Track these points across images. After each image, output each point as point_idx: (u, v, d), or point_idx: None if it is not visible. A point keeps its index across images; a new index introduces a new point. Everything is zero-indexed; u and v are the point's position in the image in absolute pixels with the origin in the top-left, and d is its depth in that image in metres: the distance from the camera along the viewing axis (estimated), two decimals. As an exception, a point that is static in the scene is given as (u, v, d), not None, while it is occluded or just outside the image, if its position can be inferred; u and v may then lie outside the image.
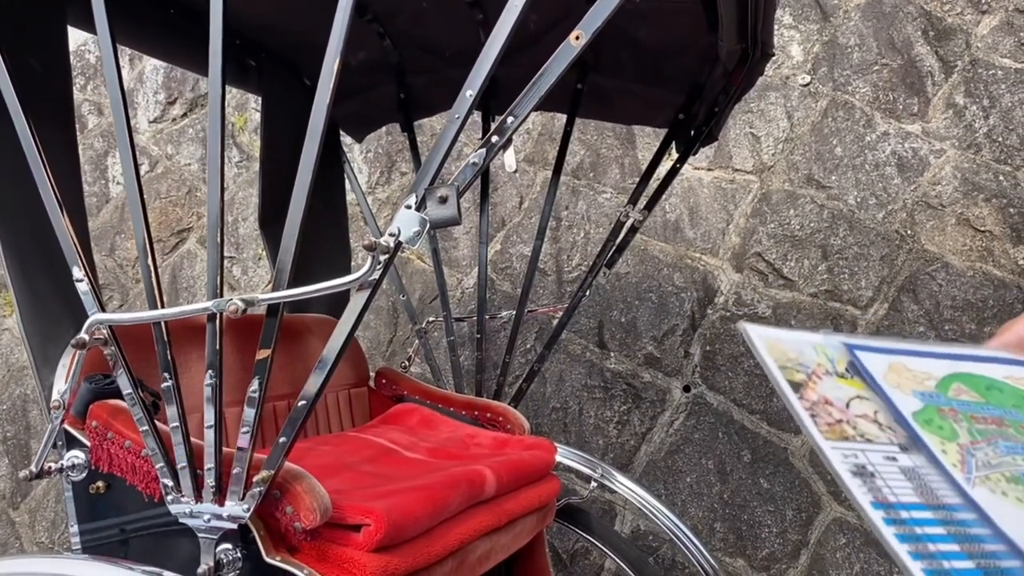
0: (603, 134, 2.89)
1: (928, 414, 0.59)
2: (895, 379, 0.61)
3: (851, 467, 0.53)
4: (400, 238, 1.00)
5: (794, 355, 0.60)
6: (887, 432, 0.57)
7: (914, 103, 2.66)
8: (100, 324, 1.16)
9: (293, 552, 1.15)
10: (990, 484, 0.54)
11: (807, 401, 0.56)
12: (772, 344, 0.60)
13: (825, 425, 0.55)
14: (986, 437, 0.58)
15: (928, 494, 0.53)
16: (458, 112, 0.99)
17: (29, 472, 1.21)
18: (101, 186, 3.42)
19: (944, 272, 2.48)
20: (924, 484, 0.54)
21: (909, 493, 0.52)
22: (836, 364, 0.61)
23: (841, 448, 0.54)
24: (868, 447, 0.55)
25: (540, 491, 1.64)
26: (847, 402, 0.58)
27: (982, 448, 0.57)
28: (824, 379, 0.59)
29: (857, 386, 0.60)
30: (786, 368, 0.58)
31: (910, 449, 0.56)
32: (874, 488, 0.52)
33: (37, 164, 1.18)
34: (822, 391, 0.58)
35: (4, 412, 3.19)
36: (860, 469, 0.53)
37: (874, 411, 0.58)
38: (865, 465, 0.53)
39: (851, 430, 0.56)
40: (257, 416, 1.09)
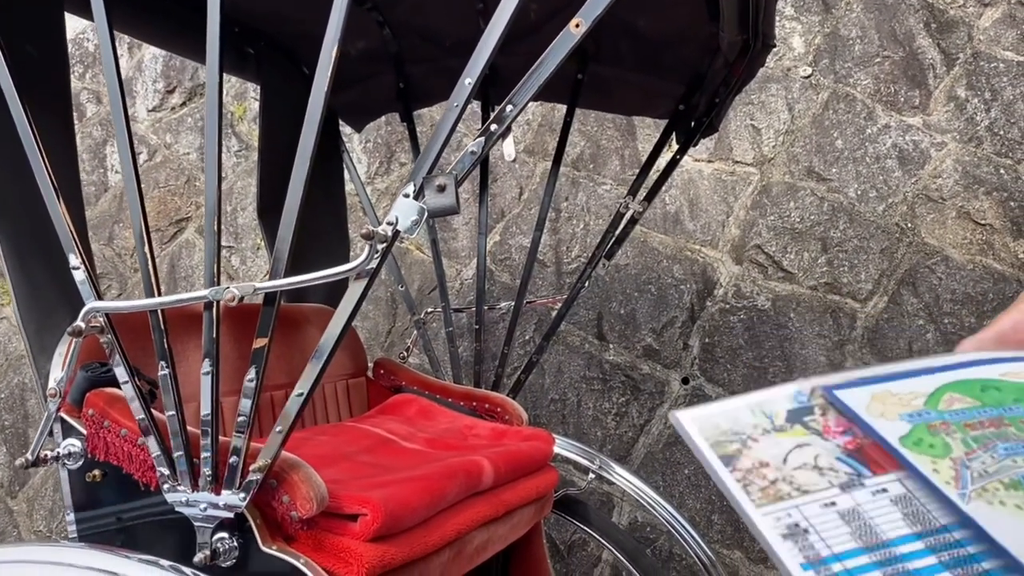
0: (603, 125, 2.88)
1: (917, 435, 0.55)
2: (879, 408, 0.57)
3: (782, 529, 0.48)
4: (398, 227, 0.99)
5: (727, 426, 0.56)
6: (827, 475, 0.53)
7: (915, 96, 2.65)
8: (96, 312, 1.16)
9: (290, 541, 1.15)
10: (987, 496, 0.51)
11: (739, 471, 0.53)
12: (704, 423, 0.56)
13: (759, 492, 0.51)
14: (983, 443, 0.55)
15: (868, 535, 0.50)
16: (457, 100, 0.98)
17: (25, 460, 1.21)
18: (100, 175, 3.41)
19: (944, 265, 2.47)
20: (864, 523, 0.51)
21: (847, 540, 0.48)
22: (775, 419, 0.57)
23: (773, 511, 0.50)
24: (803, 500, 0.51)
25: (538, 482, 1.64)
26: (784, 457, 0.54)
27: (978, 457, 0.54)
28: (761, 440, 0.55)
29: (799, 434, 0.56)
30: (718, 443, 0.55)
31: (851, 486, 0.52)
32: (806, 546, 0.48)
33: (34, 152, 1.17)
34: (757, 455, 0.54)
35: (2, 401, 3.19)
36: (792, 529, 0.48)
37: (815, 456, 0.54)
38: (798, 522, 0.49)
39: (787, 487, 0.52)
40: (254, 405, 1.08)
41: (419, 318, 2.13)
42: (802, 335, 2.54)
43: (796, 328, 2.55)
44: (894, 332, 2.47)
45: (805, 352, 2.53)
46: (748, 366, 2.57)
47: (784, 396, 0.58)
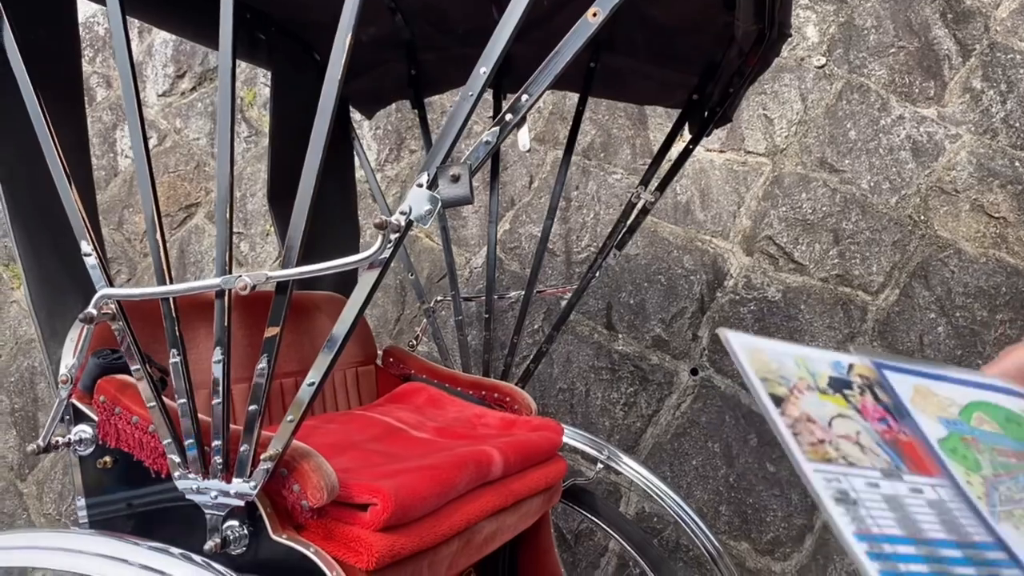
0: (615, 114, 2.86)
1: (953, 442, 0.57)
2: (921, 403, 0.59)
3: (834, 492, 0.50)
4: (411, 216, 0.99)
5: (775, 367, 0.57)
6: (869, 455, 0.54)
7: (930, 87, 2.63)
8: (108, 299, 1.16)
9: (300, 530, 1.15)
10: (1014, 520, 0.53)
11: (789, 417, 0.54)
12: (753, 354, 0.57)
13: (808, 445, 0.52)
14: (1008, 471, 0.56)
15: (912, 527, 0.50)
16: (471, 90, 0.97)
17: (37, 446, 1.21)
18: (109, 159, 3.41)
19: (957, 258, 2.45)
20: (906, 515, 0.52)
21: (891, 524, 0.50)
22: (818, 379, 0.58)
23: (824, 471, 0.51)
24: (850, 471, 0.52)
25: (547, 472, 1.64)
26: (829, 421, 0.55)
27: (1005, 482, 0.55)
28: (806, 394, 0.56)
29: (840, 403, 0.57)
30: (768, 380, 0.55)
31: (892, 475, 0.54)
32: (857, 517, 0.49)
33: (46, 137, 1.17)
34: (804, 407, 0.55)
35: (12, 384, 3.21)
36: (843, 495, 0.50)
37: (856, 432, 0.55)
38: (848, 491, 0.50)
39: (834, 451, 0.53)
40: (265, 394, 1.08)
41: (429, 306, 2.13)
42: (812, 327, 2.53)
43: (806, 320, 2.54)
44: (905, 325, 2.46)
45: (815, 344, 2.52)
46: (757, 358, 2.56)
47: (825, 360, 0.59)
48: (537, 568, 1.85)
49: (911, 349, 2.44)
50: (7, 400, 3.20)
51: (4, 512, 3.11)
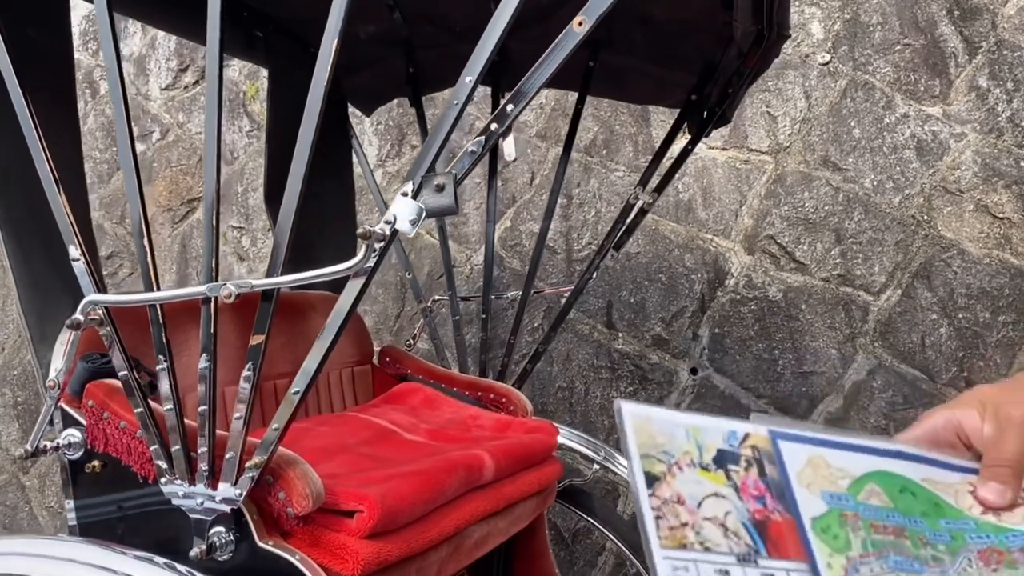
0: (617, 111, 2.84)
1: (828, 520, 0.56)
2: (809, 476, 0.58)
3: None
4: (396, 226, 0.98)
5: (662, 440, 0.57)
6: (730, 539, 0.54)
7: (936, 85, 2.60)
8: (95, 305, 1.15)
9: (286, 537, 1.15)
10: None
11: (657, 499, 0.54)
12: (643, 425, 0.57)
13: (667, 530, 0.53)
14: (879, 549, 0.56)
15: None
16: (457, 99, 0.96)
17: (25, 451, 1.22)
18: (113, 153, 3.41)
19: (960, 259, 2.43)
20: None
21: None
22: (704, 453, 0.58)
23: (673, 559, 0.52)
24: (703, 558, 0.52)
25: (540, 475, 1.63)
26: (700, 501, 0.55)
27: (869, 563, 0.55)
28: (685, 471, 0.56)
29: (718, 481, 0.57)
30: (648, 457, 0.55)
31: (746, 561, 0.53)
32: None
33: (34, 142, 1.16)
34: (678, 487, 0.55)
35: (15, 378, 3.22)
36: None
37: (725, 512, 0.55)
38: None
39: (692, 536, 0.53)
40: (250, 402, 1.08)
41: (426, 305, 2.12)
42: (813, 327, 2.52)
43: (807, 320, 2.53)
44: (907, 326, 2.44)
45: (816, 344, 2.51)
46: (757, 357, 2.55)
47: (720, 431, 0.59)
48: (532, 570, 1.85)
49: (913, 350, 2.42)
50: (10, 394, 3.21)
51: (7, 505, 3.13)
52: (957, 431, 0.65)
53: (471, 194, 2.90)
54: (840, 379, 2.47)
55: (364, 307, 2.88)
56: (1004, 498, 0.60)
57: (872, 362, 2.45)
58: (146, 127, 3.39)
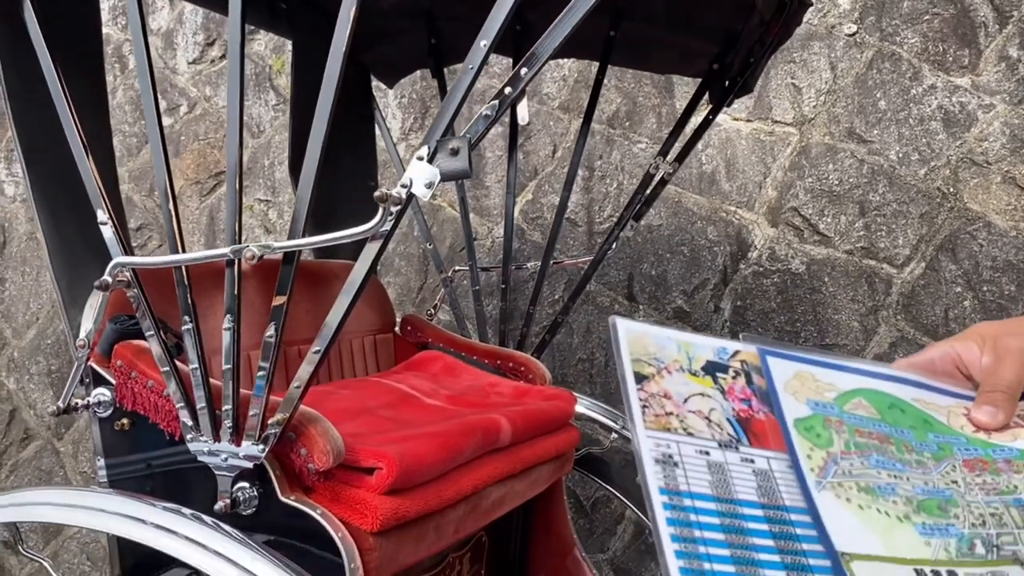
0: (640, 82, 2.83)
1: (811, 422, 0.58)
2: (796, 386, 0.60)
3: (657, 454, 0.53)
4: (412, 189, 1.00)
5: (653, 349, 0.60)
6: (712, 429, 0.56)
7: (965, 55, 2.56)
8: (123, 267, 1.19)
9: (308, 492, 1.19)
10: (840, 490, 0.54)
11: (645, 392, 0.56)
12: (636, 337, 0.60)
13: (652, 416, 0.55)
14: (861, 450, 0.57)
15: (723, 488, 0.53)
16: (472, 63, 0.98)
17: (57, 408, 1.26)
18: (141, 126, 3.46)
19: (986, 232, 2.41)
20: (723, 478, 0.53)
21: (703, 485, 0.52)
22: (693, 362, 0.60)
23: (656, 437, 0.54)
24: (685, 439, 0.54)
25: (557, 440, 1.66)
26: (686, 397, 0.57)
27: (851, 459, 0.56)
28: (674, 374, 0.58)
29: (706, 384, 0.59)
30: (638, 360, 0.58)
31: (727, 446, 0.55)
32: (670, 476, 0.52)
33: (62, 105, 1.20)
34: (666, 385, 0.57)
35: (49, 347, 3.30)
36: (666, 458, 0.53)
37: (710, 408, 0.57)
38: (673, 455, 0.53)
39: (676, 423, 0.55)
40: (273, 361, 1.11)
41: (447, 276, 2.15)
42: (836, 300, 2.51)
43: (830, 293, 2.52)
44: (930, 299, 2.43)
45: (838, 317, 2.50)
46: (780, 330, 2.55)
47: (711, 347, 0.61)
48: (549, 534, 1.88)
49: (936, 323, 2.41)
50: (44, 362, 3.30)
51: (42, 469, 3.23)
52: (956, 363, 0.66)
53: (492, 167, 2.92)
54: (862, 352, 2.46)
55: (387, 279, 2.92)
56: (996, 420, 0.61)
57: (895, 335, 2.44)
58: (173, 101, 3.44)
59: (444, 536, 1.33)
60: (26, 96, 1.31)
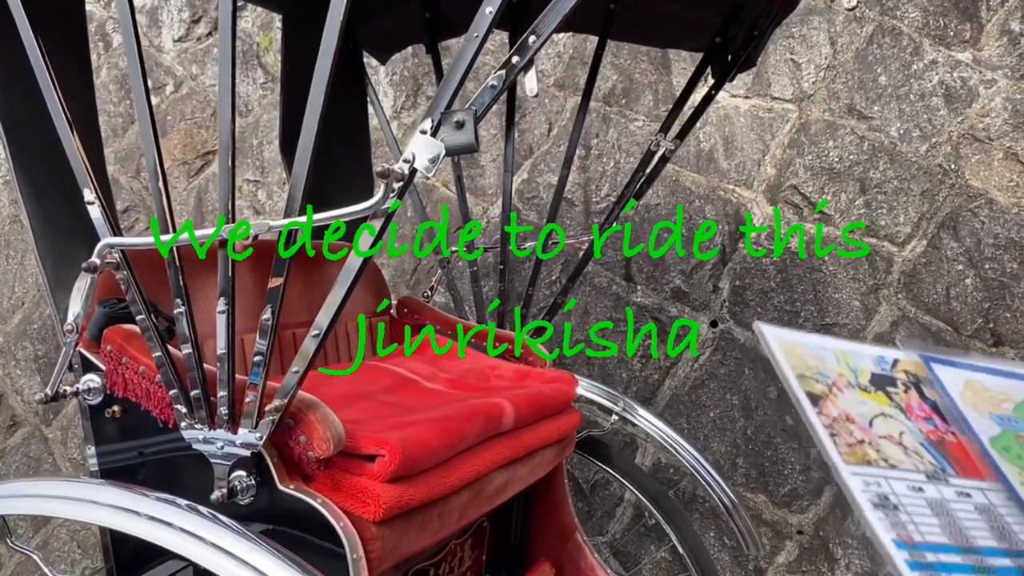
0: (637, 58, 2.78)
1: (1006, 441, 0.53)
2: (972, 398, 0.55)
3: (872, 497, 0.47)
4: (415, 165, 0.96)
5: (814, 362, 0.54)
6: (912, 458, 0.51)
7: (966, 29, 2.52)
8: (112, 248, 1.14)
9: (307, 481, 1.15)
10: None
11: (827, 417, 0.51)
12: (789, 349, 0.54)
13: (845, 446, 0.50)
14: None
15: (958, 535, 0.47)
16: (477, 31, 0.93)
17: (45, 395, 1.22)
18: (126, 106, 3.38)
19: (988, 209, 2.38)
20: (952, 520, 0.48)
21: (935, 531, 0.47)
22: (859, 375, 0.55)
23: (862, 474, 0.48)
24: (891, 474, 0.49)
25: (559, 424, 1.63)
26: (870, 420, 0.52)
27: None
28: (845, 391, 0.53)
29: (882, 401, 0.54)
30: (804, 377, 0.52)
31: (937, 479, 0.50)
32: (897, 523, 0.46)
33: (46, 81, 1.15)
34: (843, 406, 0.52)
35: (35, 332, 3.24)
36: (882, 500, 0.47)
37: (899, 432, 0.52)
38: (888, 495, 0.48)
39: (874, 453, 0.50)
40: (270, 344, 1.07)
41: (443, 257, 2.10)
42: (836, 279, 2.48)
43: (830, 272, 2.49)
44: (932, 277, 2.40)
45: (839, 296, 2.47)
46: (779, 309, 2.52)
47: (868, 355, 0.56)
48: (550, 519, 1.86)
49: (937, 302, 2.38)
50: (31, 347, 3.24)
51: (30, 456, 3.18)
52: None
53: (487, 146, 2.86)
54: (863, 331, 2.43)
55: (381, 260, 2.87)
56: None
57: (896, 313, 2.42)
58: (159, 80, 3.36)
59: (448, 524, 1.30)
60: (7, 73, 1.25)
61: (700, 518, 2.51)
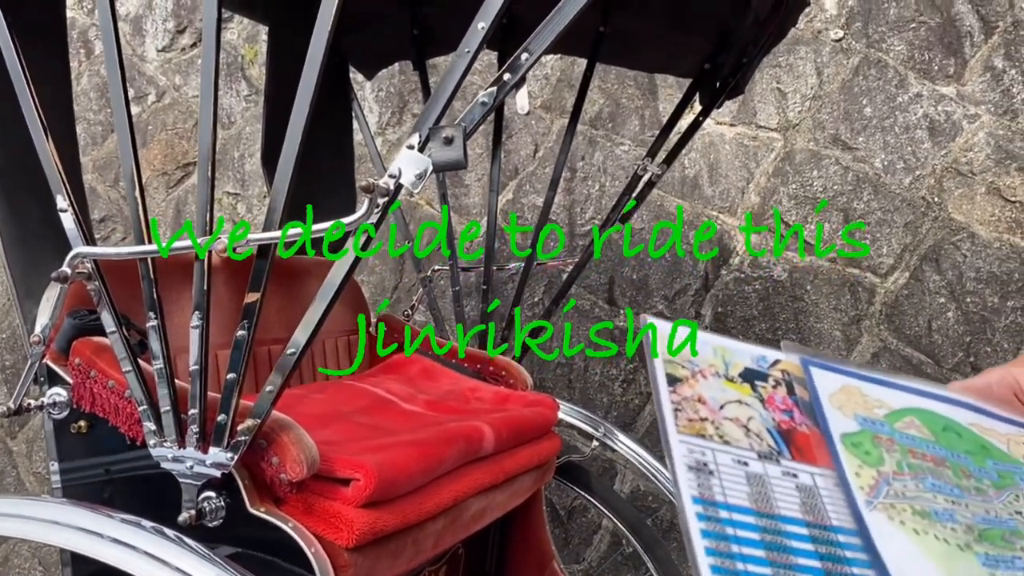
0: (623, 83, 2.78)
1: (860, 438, 0.53)
2: (842, 400, 0.55)
3: (691, 461, 0.48)
4: (401, 180, 0.93)
5: (687, 352, 0.54)
6: (751, 439, 0.51)
7: (950, 64, 2.54)
8: (84, 257, 1.10)
9: (279, 503, 1.11)
10: (892, 512, 0.49)
11: (677, 395, 0.51)
12: (668, 336, 0.55)
13: (685, 420, 0.50)
14: (915, 471, 0.52)
15: (763, 502, 0.48)
16: (468, 46, 0.91)
17: (8, 408, 1.17)
18: (107, 115, 3.34)
19: (970, 242, 2.39)
20: (763, 491, 0.48)
21: (741, 497, 0.47)
22: (730, 368, 0.55)
23: (690, 443, 0.49)
24: (722, 448, 0.49)
25: (540, 449, 1.60)
26: (722, 404, 0.52)
27: (904, 480, 0.52)
28: (710, 379, 0.53)
29: (744, 391, 0.54)
30: (671, 362, 0.53)
31: (767, 458, 0.50)
32: (704, 485, 0.47)
33: (21, 84, 1.11)
34: (700, 390, 0.52)
35: (4, 342, 3.17)
36: (700, 465, 0.48)
37: (748, 417, 0.52)
38: (708, 463, 0.48)
39: (712, 429, 0.50)
40: (244, 361, 1.03)
41: (426, 275, 2.08)
42: (818, 308, 2.48)
43: (812, 301, 2.49)
44: (913, 309, 2.41)
45: (820, 326, 2.47)
46: (761, 338, 2.51)
47: (749, 354, 0.57)
48: (528, 546, 1.82)
49: (919, 334, 2.38)
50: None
51: (-6, 469, 3.10)
52: (1015, 389, 0.61)
53: (472, 165, 2.85)
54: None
55: (361, 277, 2.83)
56: None
57: (877, 344, 2.42)
58: (141, 89, 3.32)
59: (422, 551, 1.26)
60: None
61: (678, 547, 2.48)
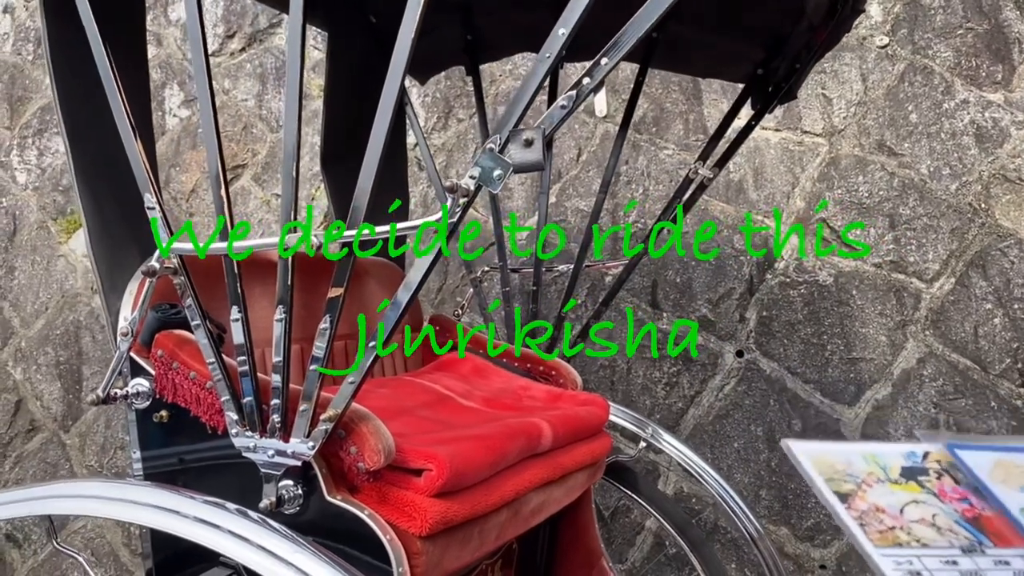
0: (668, 88, 2.80)
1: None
2: (1002, 475, 0.56)
3: (903, 573, 0.49)
4: (480, 180, 0.97)
5: (841, 467, 0.57)
6: (947, 535, 0.52)
7: (998, 71, 2.54)
8: (172, 253, 1.15)
9: (354, 492, 1.15)
10: None
11: (855, 511, 0.53)
12: (817, 458, 0.57)
13: (876, 533, 0.51)
14: None
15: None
16: (549, 51, 0.95)
17: (96, 396, 1.22)
18: (157, 118, 3.42)
19: (1017, 249, 2.38)
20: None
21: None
22: (889, 471, 0.57)
23: (893, 555, 0.50)
24: (924, 552, 0.50)
25: (593, 447, 1.62)
26: (901, 508, 0.54)
27: None
28: (875, 487, 0.55)
29: (913, 490, 0.55)
30: (833, 480, 0.55)
31: (973, 551, 0.51)
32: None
33: (113, 92, 1.16)
34: (872, 499, 0.54)
35: (58, 338, 3.25)
36: (914, 575, 0.49)
37: (932, 515, 0.54)
38: (920, 571, 0.49)
39: (905, 536, 0.51)
40: (327, 354, 1.07)
41: (476, 276, 2.11)
42: (863, 313, 2.48)
43: (857, 306, 2.49)
44: (960, 315, 2.40)
45: (865, 331, 2.47)
46: (805, 342, 2.52)
47: (897, 452, 0.58)
48: (577, 543, 1.84)
49: (965, 340, 2.38)
50: (52, 353, 3.25)
51: (47, 462, 3.17)
52: None
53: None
54: (889, 366, 2.43)
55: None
56: None
57: (923, 350, 2.42)
58: (192, 92, 3.40)
59: (486, 542, 1.29)
60: (72, 77, 1.28)
61: (721, 548, 2.49)
